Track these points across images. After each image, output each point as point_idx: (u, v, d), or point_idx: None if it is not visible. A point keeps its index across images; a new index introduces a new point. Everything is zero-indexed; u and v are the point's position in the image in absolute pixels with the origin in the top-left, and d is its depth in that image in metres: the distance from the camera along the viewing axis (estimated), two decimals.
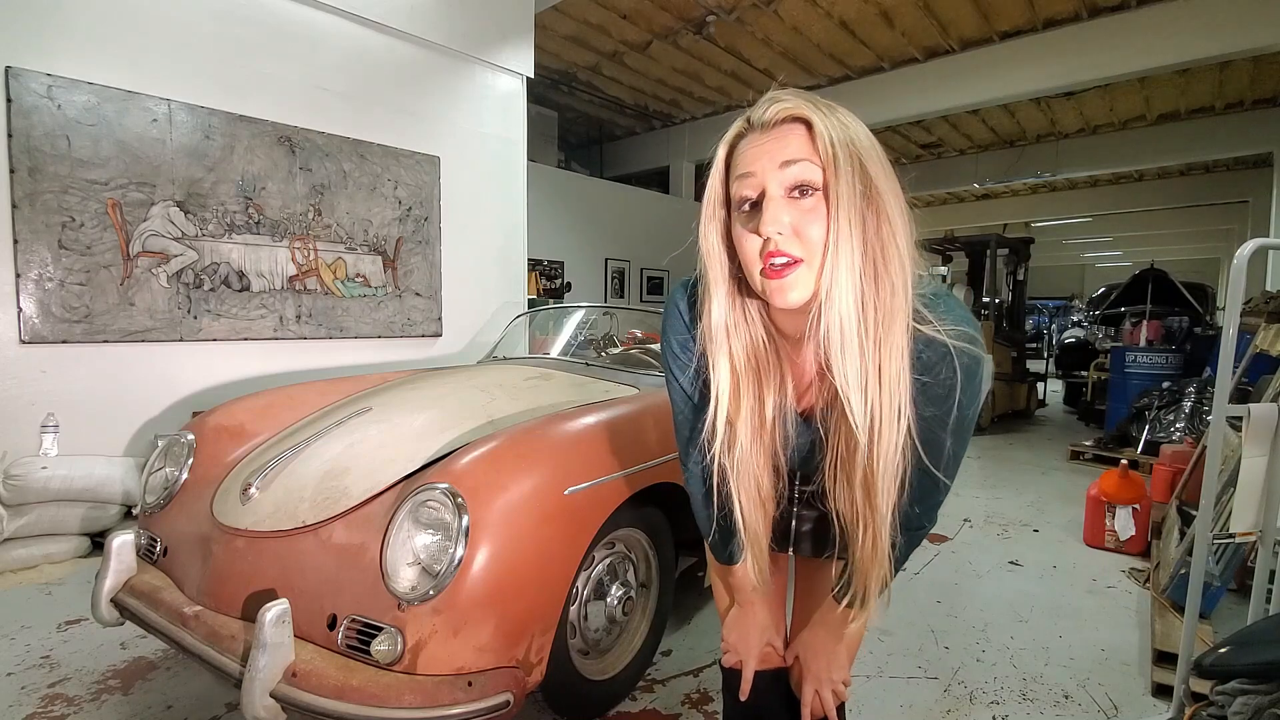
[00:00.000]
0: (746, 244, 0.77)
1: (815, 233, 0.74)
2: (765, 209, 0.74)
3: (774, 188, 0.75)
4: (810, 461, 0.93)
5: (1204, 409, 4.84)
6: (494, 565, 1.36)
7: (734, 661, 1.11)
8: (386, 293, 4.31)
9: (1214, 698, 1.27)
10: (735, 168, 0.79)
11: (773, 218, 0.74)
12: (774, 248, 0.74)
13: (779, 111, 0.76)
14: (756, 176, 0.76)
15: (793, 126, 0.76)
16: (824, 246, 0.74)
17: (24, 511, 2.83)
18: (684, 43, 7.00)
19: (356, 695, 1.24)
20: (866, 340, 0.74)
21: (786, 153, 0.74)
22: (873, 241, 0.74)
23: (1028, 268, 7.91)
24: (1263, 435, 1.61)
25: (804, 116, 0.75)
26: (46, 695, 1.88)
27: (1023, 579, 2.92)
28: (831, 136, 0.73)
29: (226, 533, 1.58)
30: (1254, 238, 1.74)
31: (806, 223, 0.74)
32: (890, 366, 0.75)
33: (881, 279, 0.74)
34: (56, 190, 3.01)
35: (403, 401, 2.00)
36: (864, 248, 0.74)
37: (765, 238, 0.74)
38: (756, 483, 0.88)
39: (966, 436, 0.86)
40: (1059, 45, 6.35)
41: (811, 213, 0.74)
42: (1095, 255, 20.69)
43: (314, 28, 3.90)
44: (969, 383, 0.80)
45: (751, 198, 0.77)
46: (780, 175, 0.74)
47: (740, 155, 0.78)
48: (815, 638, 1.08)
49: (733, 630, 1.12)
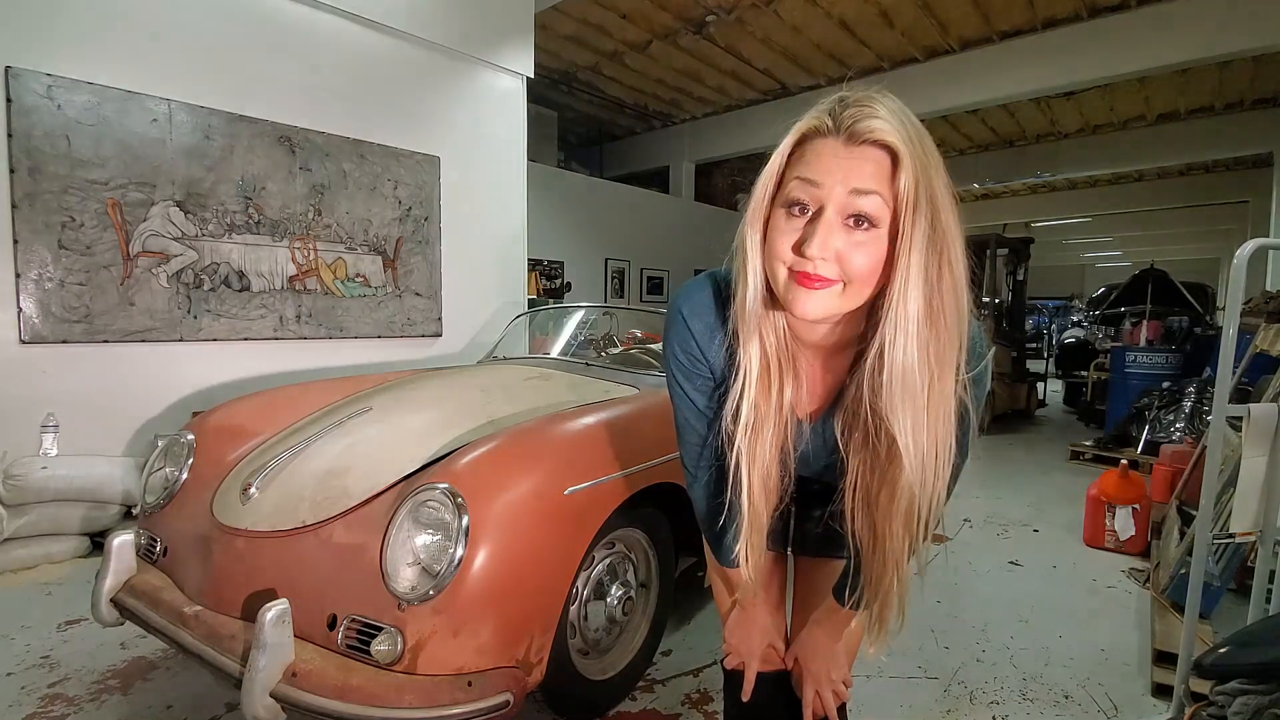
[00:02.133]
0: (780, 242, 0.73)
1: (858, 263, 0.71)
2: (818, 229, 0.70)
3: (833, 210, 0.70)
4: (809, 466, 0.93)
5: (1204, 409, 4.84)
6: (494, 565, 1.36)
7: (736, 663, 1.12)
8: (386, 293, 4.31)
9: (1214, 698, 1.27)
10: (801, 162, 0.73)
11: (822, 243, 0.70)
12: (812, 270, 0.71)
13: (871, 131, 0.69)
14: (822, 190, 0.70)
15: (877, 150, 0.70)
16: (874, 283, 0.72)
17: (24, 511, 2.83)
18: (684, 43, 7.00)
19: (356, 695, 1.24)
20: (922, 389, 0.72)
21: (861, 180, 0.69)
22: (935, 287, 0.71)
23: (1028, 268, 7.91)
24: (1263, 435, 1.61)
25: (894, 147, 0.69)
26: (46, 695, 1.88)
27: (1023, 579, 2.92)
28: (916, 177, 0.69)
29: (226, 533, 1.58)
30: (1254, 238, 1.74)
31: (853, 253, 0.71)
32: (942, 411, 0.74)
33: (940, 327, 0.72)
34: (56, 190, 3.01)
35: (403, 401, 2.00)
36: (927, 294, 0.70)
37: (808, 256, 0.71)
38: (767, 470, 0.86)
39: None
40: (1059, 45, 6.35)
41: (862, 246, 0.71)
42: (1095, 255, 20.70)
43: (314, 28, 3.90)
44: (981, 394, 0.81)
45: (807, 205, 0.72)
46: (846, 201, 0.70)
47: (812, 154, 0.72)
48: (814, 638, 1.08)
49: (735, 632, 1.12)
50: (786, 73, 7.78)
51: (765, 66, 7.61)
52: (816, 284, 0.72)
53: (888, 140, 0.69)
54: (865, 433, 0.80)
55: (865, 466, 0.81)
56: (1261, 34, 5.35)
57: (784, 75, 7.86)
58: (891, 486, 0.78)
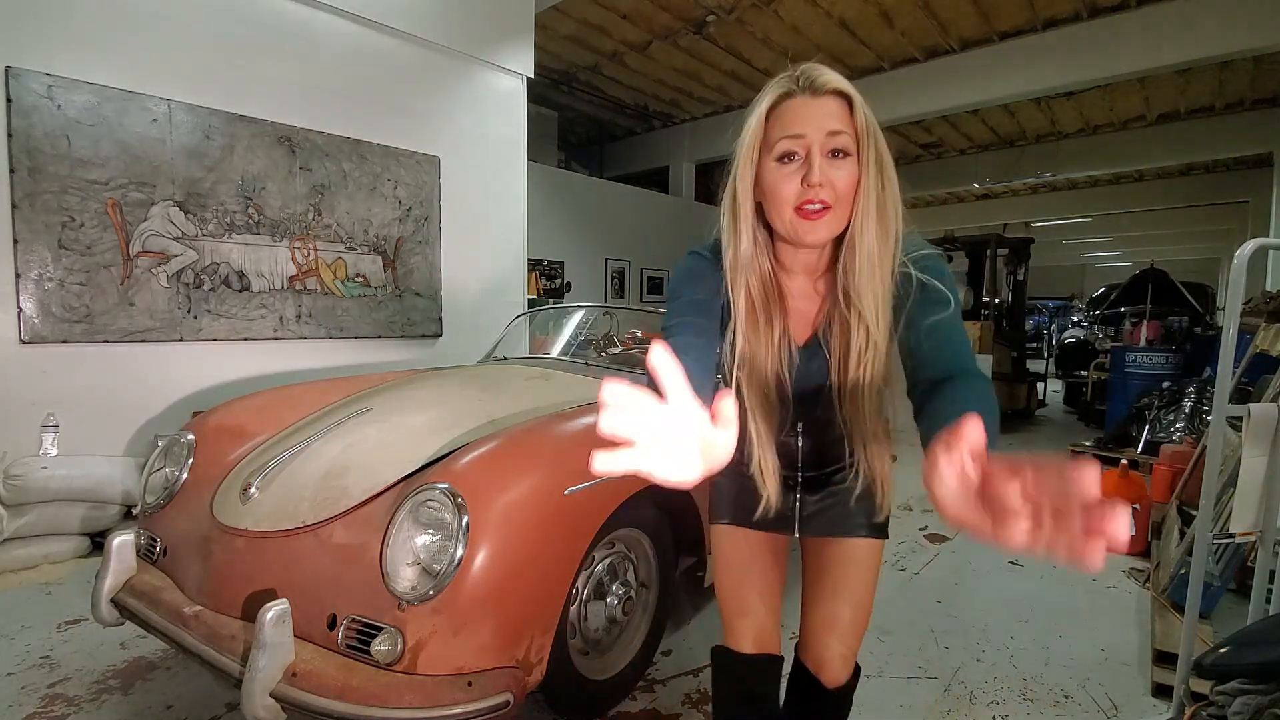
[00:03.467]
0: (783, 187, 0.90)
1: (843, 185, 0.90)
2: (812, 165, 0.88)
3: (818, 149, 0.89)
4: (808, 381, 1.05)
5: (1204, 409, 4.84)
6: (494, 565, 1.36)
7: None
8: (386, 293, 4.31)
9: (1214, 698, 1.27)
10: (780, 123, 0.91)
11: (821, 174, 0.88)
12: (814, 195, 0.89)
13: (828, 83, 0.90)
14: (806, 137, 0.89)
15: (837, 99, 0.90)
16: (852, 201, 0.91)
17: (24, 511, 2.83)
18: (684, 43, 7.00)
19: (356, 695, 1.24)
20: (880, 264, 0.93)
21: (832, 123, 0.89)
22: (882, 195, 0.92)
23: (1028, 268, 7.91)
24: (1263, 435, 1.61)
25: (848, 94, 0.91)
26: (46, 695, 1.88)
27: (1023, 579, 2.92)
28: (866, 114, 0.90)
29: (226, 533, 1.58)
30: (1254, 238, 1.74)
31: (838, 178, 0.90)
32: (889, 289, 0.94)
33: (890, 223, 0.93)
34: (56, 190, 3.01)
35: (403, 401, 2.00)
36: (879, 199, 0.91)
37: (811, 185, 0.88)
38: (764, 393, 1.01)
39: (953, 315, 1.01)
40: (1059, 45, 6.34)
41: (842, 171, 0.90)
42: (1095, 255, 20.69)
43: (313, 27, 3.90)
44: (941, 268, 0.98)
45: (798, 153, 0.90)
46: (825, 140, 0.89)
47: (788, 113, 0.90)
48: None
49: None
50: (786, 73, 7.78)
51: (765, 66, 7.60)
52: (816, 215, 0.90)
53: (842, 88, 0.90)
54: (843, 324, 0.98)
55: (843, 354, 0.98)
56: (1261, 34, 5.35)
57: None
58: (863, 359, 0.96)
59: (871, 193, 0.91)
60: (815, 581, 1.16)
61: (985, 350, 6.47)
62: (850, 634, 1.11)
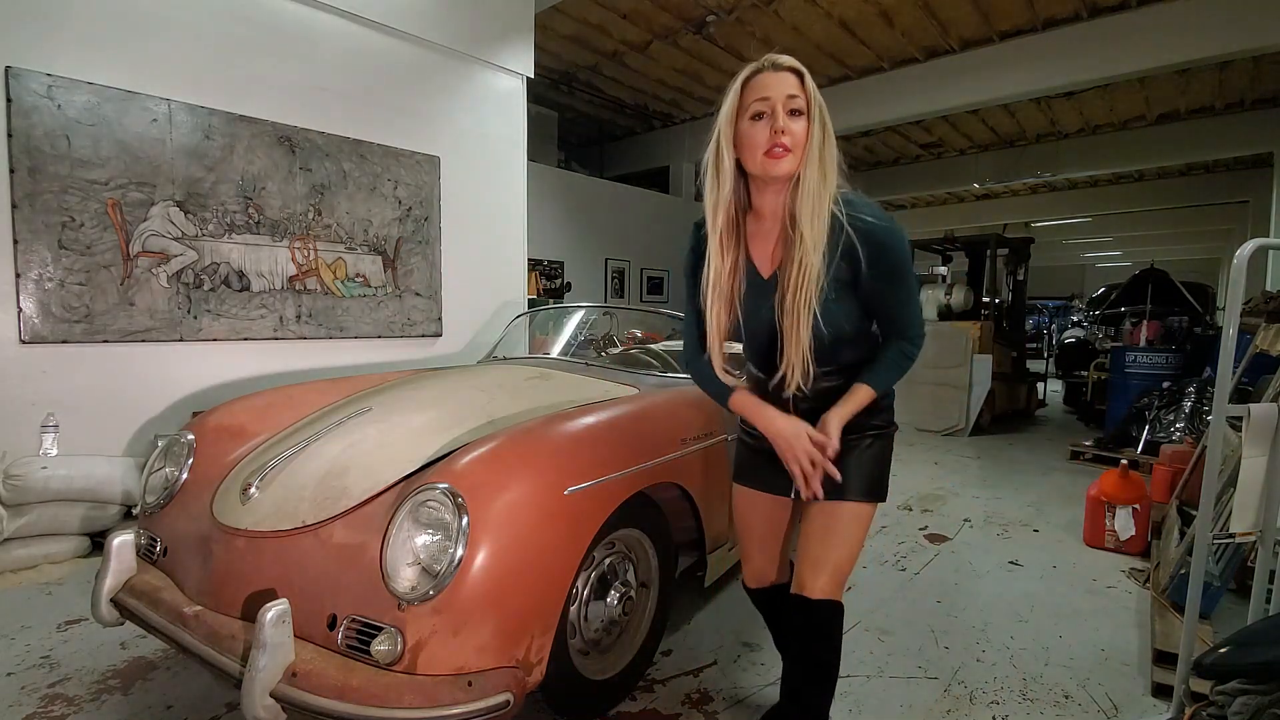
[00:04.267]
0: (756, 136, 1.25)
1: (798, 134, 1.25)
2: (776, 120, 1.23)
3: (781, 108, 1.24)
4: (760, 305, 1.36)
5: (1204, 409, 4.84)
6: (494, 565, 1.36)
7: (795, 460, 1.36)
8: (386, 293, 4.32)
9: (1214, 698, 1.27)
10: (752, 91, 1.26)
11: (784, 125, 1.23)
12: (780, 140, 1.23)
13: (786, 63, 1.26)
14: (771, 100, 1.24)
15: (792, 74, 1.26)
16: (803, 147, 1.25)
17: (24, 511, 2.83)
18: (684, 43, 7.00)
19: (356, 695, 1.24)
20: (817, 198, 1.25)
21: (790, 88, 1.24)
22: (823, 149, 1.26)
23: (1028, 268, 7.90)
24: (1263, 435, 1.61)
25: (800, 71, 1.27)
26: (46, 695, 1.88)
27: (1023, 579, 2.92)
28: (812, 87, 1.27)
29: (226, 533, 1.58)
30: (1254, 238, 1.74)
31: (795, 129, 1.24)
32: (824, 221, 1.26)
33: (828, 170, 1.27)
34: (56, 190, 3.01)
35: (403, 401, 2.00)
36: (820, 150, 1.25)
37: (776, 131, 1.23)
38: (725, 303, 1.36)
39: (910, 282, 1.35)
40: (1059, 45, 6.35)
41: (797, 124, 1.25)
42: (1095, 255, 20.69)
43: (314, 27, 3.90)
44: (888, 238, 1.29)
45: (765, 111, 1.24)
46: (786, 102, 1.24)
47: (758, 83, 1.26)
48: None
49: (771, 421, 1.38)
50: None
51: None
52: (780, 155, 1.24)
53: (796, 66, 1.27)
54: (787, 240, 1.30)
55: (791, 264, 1.28)
56: (1261, 34, 5.35)
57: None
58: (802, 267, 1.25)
59: (815, 144, 1.25)
60: (805, 535, 1.43)
61: (985, 350, 6.47)
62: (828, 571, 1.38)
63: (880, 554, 3.18)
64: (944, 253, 7.87)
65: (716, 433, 2.17)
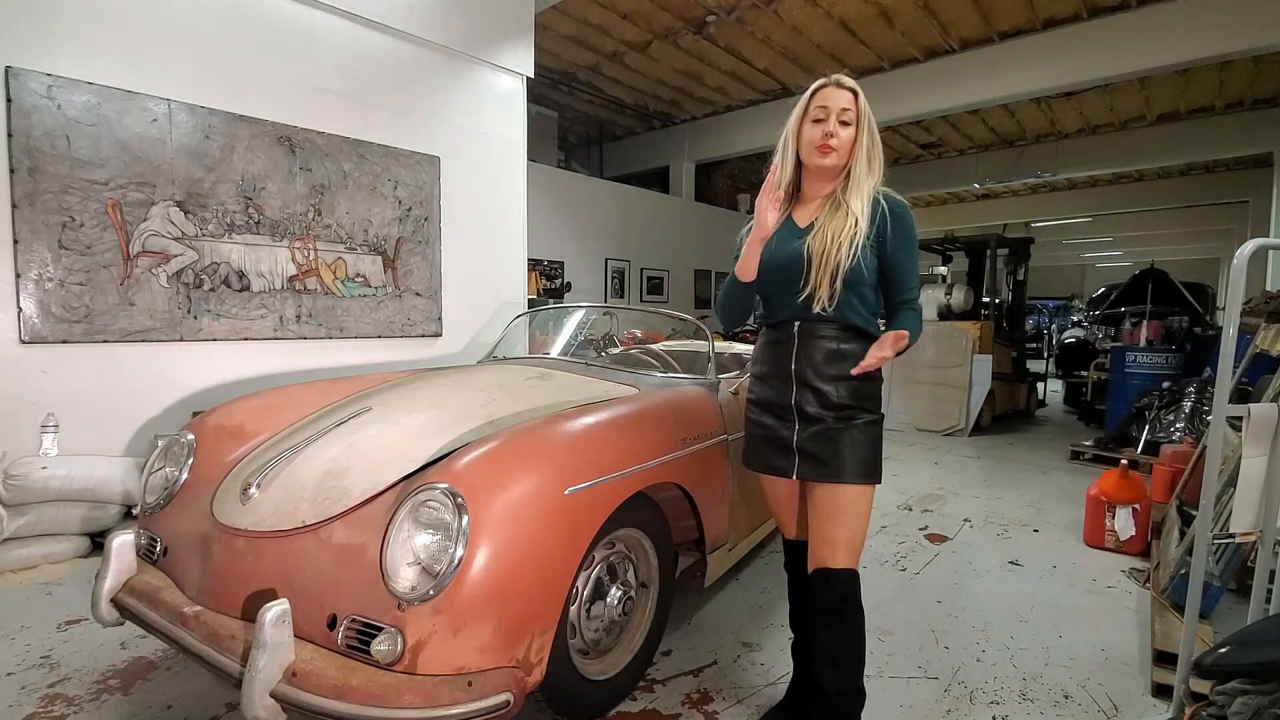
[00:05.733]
0: (813, 134, 1.58)
1: (845, 138, 1.57)
2: (828, 125, 1.56)
3: (834, 116, 1.57)
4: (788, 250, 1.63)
5: (1204, 409, 4.84)
6: (494, 565, 1.36)
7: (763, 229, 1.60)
8: (386, 293, 4.32)
9: (1214, 698, 1.27)
10: (816, 101, 1.59)
11: (834, 129, 1.56)
12: (828, 141, 1.56)
13: (847, 84, 1.59)
14: (828, 109, 1.57)
15: (849, 93, 1.58)
16: (848, 148, 1.58)
17: (24, 511, 2.83)
18: (684, 43, 7.00)
19: (356, 695, 1.24)
20: (865, 183, 1.59)
21: (844, 104, 1.57)
22: (871, 150, 1.60)
23: (1028, 268, 7.91)
24: (1263, 435, 1.61)
25: (855, 90, 1.60)
26: (46, 695, 1.88)
27: (1023, 579, 2.92)
28: (864, 104, 1.59)
29: (226, 533, 1.58)
30: (1254, 238, 1.74)
31: (843, 134, 1.57)
32: (869, 200, 1.59)
33: (874, 165, 1.61)
34: (56, 190, 3.01)
35: (403, 401, 2.00)
36: (868, 153, 1.59)
37: (827, 134, 1.56)
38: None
39: (916, 253, 1.65)
40: (1059, 45, 6.35)
41: (845, 131, 1.58)
42: (1095, 255, 20.70)
43: (313, 27, 3.90)
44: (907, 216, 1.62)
45: (823, 118, 1.57)
46: (839, 112, 1.57)
47: (821, 95, 1.59)
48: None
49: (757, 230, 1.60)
50: (786, 73, 7.79)
51: (765, 66, 7.61)
52: (827, 151, 1.57)
53: (854, 87, 1.59)
54: (838, 210, 1.60)
55: (822, 233, 1.58)
56: (1261, 34, 5.36)
57: (784, 75, 7.86)
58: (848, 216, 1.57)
59: (863, 146, 1.58)
60: (814, 518, 1.62)
61: (985, 350, 6.47)
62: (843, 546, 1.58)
63: (880, 554, 3.18)
64: (944, 253, 7.87)
65: (716, 433, 2.17)
